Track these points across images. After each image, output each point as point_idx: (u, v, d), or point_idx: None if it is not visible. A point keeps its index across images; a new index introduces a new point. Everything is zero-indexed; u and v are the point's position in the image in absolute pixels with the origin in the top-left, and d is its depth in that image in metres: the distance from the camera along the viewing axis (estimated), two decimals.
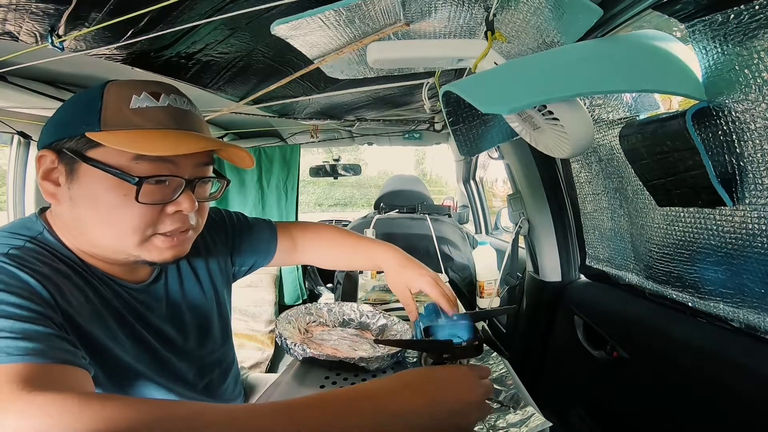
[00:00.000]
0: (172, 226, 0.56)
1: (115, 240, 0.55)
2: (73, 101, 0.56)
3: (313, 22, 0.67)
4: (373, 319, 0.99)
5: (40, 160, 0.53)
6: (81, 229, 0.55)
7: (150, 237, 0.56)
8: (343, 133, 2.38)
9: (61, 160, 0.53)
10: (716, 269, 0.69)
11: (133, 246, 0.55)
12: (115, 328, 0.57)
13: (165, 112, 0.55)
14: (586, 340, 1.06)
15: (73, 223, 0.55)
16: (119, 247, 0.56)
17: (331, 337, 0.91)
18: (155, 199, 0.54)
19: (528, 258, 1.49)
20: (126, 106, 0.53)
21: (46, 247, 0.54)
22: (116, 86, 0.55)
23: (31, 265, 0.48)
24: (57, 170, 0.54)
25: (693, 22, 0.54)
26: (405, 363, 0.79)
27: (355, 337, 0.93)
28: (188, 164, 0.57)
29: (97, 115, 0.52)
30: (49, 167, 0.54)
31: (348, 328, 0.98)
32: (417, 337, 0.69)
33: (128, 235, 0.54)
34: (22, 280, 0.46)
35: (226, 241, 0.84)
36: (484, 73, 0.62)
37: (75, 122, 0.53)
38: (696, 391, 0.72)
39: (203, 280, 0.76)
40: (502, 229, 2.62)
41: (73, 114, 0.54)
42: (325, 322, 0.98)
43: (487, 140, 0.87)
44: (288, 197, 2.37)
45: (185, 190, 0.56)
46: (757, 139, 0.54)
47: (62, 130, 0.53)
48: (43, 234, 0.55)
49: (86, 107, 0.53)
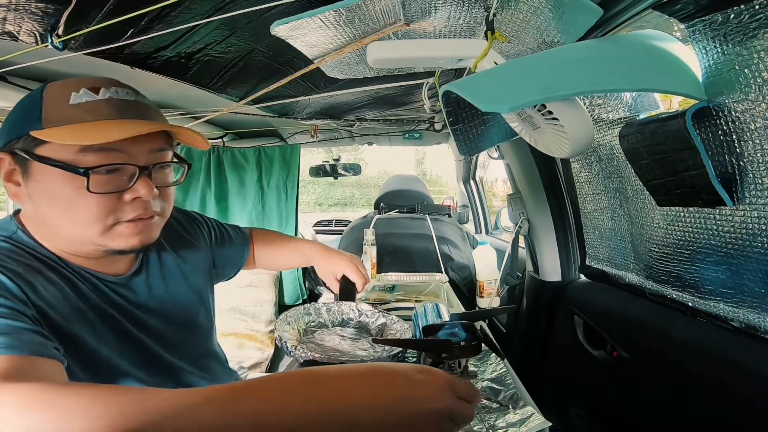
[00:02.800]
0: (134, 213, 0.57)
1: (78, 232, 0.56)
2: (19, 104, 0.58)
3: (312, 23, 0.67)
4: (372, 318, 0.99)
5: (1, 163, 0.56)
6: (46, 225, 0.57)
7: (113, 226, 0.57)
8: (343, 133, 2.38)
9: (15, 160, 0.55)
10: (716, 269, 0.69)
11: (96, 236, 0.56)
12: (96, 322, 0.57)
13: (106, 103, 0.56)
14: (586, 340, 1.06)
15: (39, 220, 0.57)
16: (84, 238, 0.57)
17: (332, 337, 0.91)
18: (108, 188, 0.55)
19: (528, 258, 1.49)
20: (65, 104, 0.54)
21: (20, 246, 0.56)
22: (55, 85, 0.56)
23: (2, 263, 0.50)
24: (15, 171, 0.56)
25: (693, 22, 0.54)
26: (406, 362, 0.79)
27: (354, 336, 0.93)
28: (141, 151, 0.57)
29: (39, 113, 0.54)
30: (8, 168, 0.56)
31: (347, 328, 0.97)
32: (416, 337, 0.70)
33: (89, 226, 0.55)
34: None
35: (207, 244, 0.85)
36: (484, 73, 0.62)
37: (20, 123, 0.55)
38: (696, 391, 0.72)
39: (186, 272, 0.75)
40: (502, 229, 2.62)
41: (18, 115, 0.56)
42: (324, 323, 0.98)
43: (487, 140, 0.87)
44: (288, 197, 2.37)
45: (140, 177, 0.56)
46: (757, 139, 0.54)
47: (10, 131, 0.56)
48: (17, 233, 0.57)
49: (29, 108, 0.55)
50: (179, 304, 0.72)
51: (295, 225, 2.42)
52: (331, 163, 2.71)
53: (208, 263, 0.84)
